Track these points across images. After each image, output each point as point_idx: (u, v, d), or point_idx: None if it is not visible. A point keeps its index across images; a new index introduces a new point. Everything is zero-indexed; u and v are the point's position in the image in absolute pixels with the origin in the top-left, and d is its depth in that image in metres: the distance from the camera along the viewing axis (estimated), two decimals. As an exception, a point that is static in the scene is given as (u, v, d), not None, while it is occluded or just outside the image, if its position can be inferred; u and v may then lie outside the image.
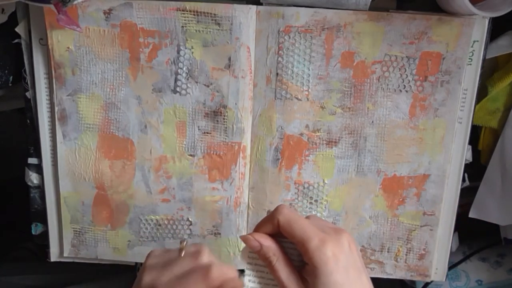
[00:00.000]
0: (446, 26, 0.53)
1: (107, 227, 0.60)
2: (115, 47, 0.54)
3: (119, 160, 0.58)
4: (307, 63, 0.54)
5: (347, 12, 0.52)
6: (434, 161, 0.57)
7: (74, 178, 0.58)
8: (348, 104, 0.55)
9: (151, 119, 0.56)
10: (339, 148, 0.57)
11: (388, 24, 0.53)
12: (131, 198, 0.59)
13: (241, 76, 0.55)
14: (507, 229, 0.65)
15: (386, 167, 0.57)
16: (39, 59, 0.55)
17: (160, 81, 0.55)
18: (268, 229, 0.42)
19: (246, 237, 0.41)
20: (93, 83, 0.55)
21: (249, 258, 0.43)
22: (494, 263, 0.68)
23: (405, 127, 0.56)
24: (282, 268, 0.40)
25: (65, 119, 0.56)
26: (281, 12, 0.53)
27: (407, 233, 0.59)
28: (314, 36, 0.53)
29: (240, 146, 0.57)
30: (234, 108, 0.55)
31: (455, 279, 0.68)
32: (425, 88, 0.55)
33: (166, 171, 0.58)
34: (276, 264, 0.40)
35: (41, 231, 0.62)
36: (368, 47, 0.54)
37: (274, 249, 0.41)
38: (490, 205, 0.61)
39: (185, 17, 0.53)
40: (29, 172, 0.59)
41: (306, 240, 0.39)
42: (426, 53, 0.54)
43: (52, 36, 0.54)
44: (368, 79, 0.55)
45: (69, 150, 0.57)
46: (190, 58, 0.54)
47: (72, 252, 0.61)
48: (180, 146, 0.57)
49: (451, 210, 0.59)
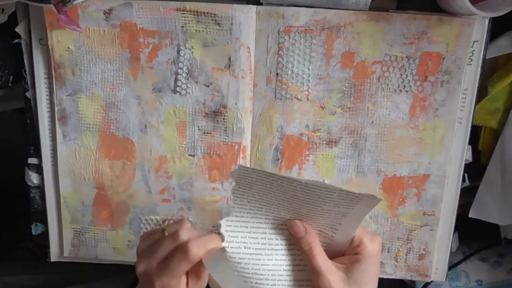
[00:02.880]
0: (446, 26, 0.53)
1: (107, 227, 0.60)
2: (115, 47, 0.54)
3: (119, 160, 0.58)
4: (307, 63, 0.54)
5: (347, 12, 0.52)
6: (434, 161, 0.57)
7: (74, 178, 0.58)
8: (348, 104, 0.55)
9: (151, 119, 0.56)
10: (339, 148, 0.57)
11: (388, 24, 0.53)
12: (131, 198, 0.59)
13: (241, 76, 0.55)
14: (507, 229, 0.65)
15: (386, 167, 0.57)
16: (39, 59, 0.55)
17: (160, 81, 0.55)
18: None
19: (294, 222, 0.44)
20: (93, 83, 0.55)
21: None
22: (494, 263, 0.68)
23: (405, 127, 0.56)
24: (319, 253, 0.44)
25: (65, 119, 0.57)
26: (281, 12, 0.53)
27: (407, 233, 0.59)
28: (314, 36, 0.53)
29: (240, 146, 0.57)
30: (234, 108, 0.55)
31: (455, 279, 0.68)
32: (425, 88, 0.55)
33: (166, 171, 0.58)
34: (315, 250, 0.43)
35: (41, 231, 0.62)
36: (368, 47, 0.54)
37: (314, 236, 0.44)
38: (490, 205, 0.61)
39: (185, 17, 0.53)
40: (29, 172, 0.59)
41: (363, 234, 0.44)
42: (426, 53, 0.54)
43: (52, 36, 0.54)
44: (368, 79, 0.55)
45: (69, 150, 0.57)
46: (190, 58, 0.54)
47: (72, 252, 0.61)
48: (180, 146, 0.57)
49: (451, 210, 0.59)
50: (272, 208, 0.45)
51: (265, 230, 0.45)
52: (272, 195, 0.44)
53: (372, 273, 0.44)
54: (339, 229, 0.44)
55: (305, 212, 0.44)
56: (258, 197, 0.44)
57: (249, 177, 0.43)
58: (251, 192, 0.44)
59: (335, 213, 0.43)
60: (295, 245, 0.45)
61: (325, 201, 0.42)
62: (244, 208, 0.45)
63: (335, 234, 0.45)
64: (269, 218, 0.45)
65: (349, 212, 0.43)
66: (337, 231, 0.45)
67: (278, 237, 0.45)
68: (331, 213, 0.43)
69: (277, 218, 0.45)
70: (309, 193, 0.42)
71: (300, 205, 0.44)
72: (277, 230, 0.46)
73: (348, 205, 0.42)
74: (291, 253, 0.46)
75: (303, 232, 0.44)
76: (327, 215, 0.44)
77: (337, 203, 0.42)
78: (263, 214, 0.45)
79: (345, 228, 0.44)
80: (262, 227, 0.45)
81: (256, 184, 0.43)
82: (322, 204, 0.43)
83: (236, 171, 0.43)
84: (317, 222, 0.45)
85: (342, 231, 0.44)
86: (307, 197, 0.43)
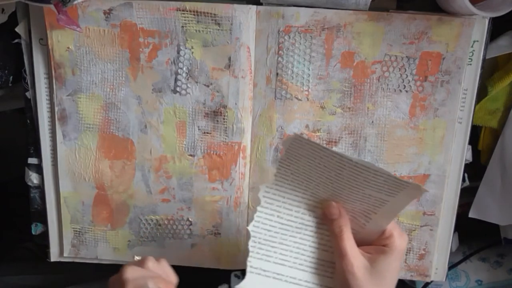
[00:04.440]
0: (446, 26, 0.53)
1: (107, 227, 0.60)
2: (115, 47, 0.54)
3: (119, 160, 0.58)
4: (307, 63, 0.54)
5: (347, 12, 0.52)
6: (434, 161, 0.57)
7: (74, 178, 0.58)
8: (348, 104, 0.55)
9: (151, 119, 0.56)
10: (339, 148, 0.57)
11: (388, 24, 0.53)
12: (131, 198, 0.59)
13: (241, 76, 0.55)
14: (507, 229, 0.65)
15: (386, 167, 0.57)
16: (39, 59, 0.55)
17: (160, 81, 0.55)
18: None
19: (330, 203, 0.46)
20: (93, 83, 0.55)
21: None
22: (494, 263, 0.68)
23: (405, 127, 0.56)
24: (349, 238, 0.45)
25: (65, 119, 0.56)
26: (281, 12, 0.53)
27: (407, 233, 0.59)
28: (314, 36, 0.53)
29: (240, 146, 0.57)
30: (234, 108, 0.55)
31: (455, 279, 0.68)
32: (425, 88, 0.55)
33: (166, 171, 0.58)
34: (345, 234, 0.45)
35: (41, 231, 0.62)
36: (368, 47, 0.54)
37: (346, 220, 0.46)
38: (490, 205, 0.61)
39: (185, 17, 0.53)
40: (29, 172, 0.59)
41: (394, 227, 0.45)
42: (426, 53, 0.54)
43: (52, 36, 0.54)
44: (368, 79, 0.55)
45: (69, 150, 0.57)
46: (190, 58, 0.54)
47: (72, 252, 0.61)
48: (180, 146, 0.57)
49: (451, 210, 0.59)
50: (312, 185, 0.46)
51: (300, 205, 0.47)
52: (317, 171, 0.44)
53: (395, 267, 0.45)
54: (373, 218, 0.45)
55: (345, 194, 0.45)
56: (303, 170, 0.45)
57: (301, 149, 0.43)
58: (298, 164, 0.45)
59: (375, 199, 0.44)
60: (325, 225, 0.47)
61: (370, 184, 0.43)
62: (285, 179, 0.46)
63: (367, 223, 0.46)
64: (307, 193, 0.46)
65: (389, 200, 0.43)
66: (371, 220, 0.46)
67: (311, 213, 0.47)
68: (371, 199, 0.44)
69: (314, 195, 0.46)
70: (355, 174, 0.43)
71: (342, 186, 0.45)
72: (311, 207, 0.47)
73: (391, 193, 0.42)
74: (319, 232, 0.47)
75: (337, 215, 0.45)
76: (366, 199, 0.44)
77: (381, 188, 0.42)
78: (302, 189, 0.46)
79: (380, 218, 0.45)
80: (298, 201, 0.47)
81: (305, 157, 0.44)
82: (365, 187, 0.43)
83: (290, 140, 0.43)
84: (353, 206, 0.46)
85: (376, 221, 0.45)
86: (352, 178, 0.43)
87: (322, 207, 0.47)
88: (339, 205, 0.46)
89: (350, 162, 0.42)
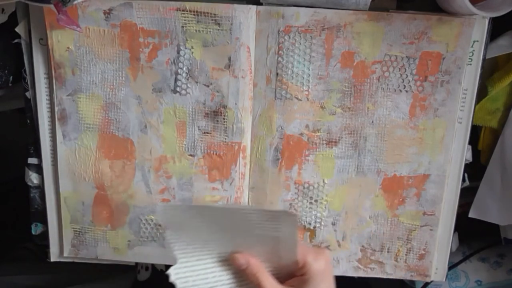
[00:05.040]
0: (446, 26, 0.53)
1: (107, 227, 0.60)
2: (115, 47, 0.54)
3: (119, 160, 0.58)
4: (307, 63, 0.54)
5: (347, 12, 0.52)
6: (434, 161, 0.57)
7: (74, 178, 0.58)
8: (348, 104, 0.55)
9: (151, 119, 0.56)
10: (339, 148, 0.57)
11: (388, 24, 0.53)
12: (131, 198, 0.59)
13: (241, 76, 0.55)
14: (507, 229, 0.65)
15: (386, 167, 0.57)
16: (39, 59, 0.55)
17: (160, 81, 0.55)
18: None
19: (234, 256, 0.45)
20: (93, 83, 0.55)
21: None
22: (494, 263, 0.68)
23: (405, 127, 0.56)
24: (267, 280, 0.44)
25: (65, 119, 0.57)
26: (281, 12, 0.53)
27: (407, 233, 0.59)
28: (314, 36, 0.53)
29: (240, 146, 0.57)
30: (234, 108, 0.55)
31: (455, 279, 0.68)
32: (425, 88, 0.55)
33: (166, 171, 0.58)
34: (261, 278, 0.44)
35: (41, 231, 0.62)
36: (368, 47, 0.54)
37: (257, 266, 0.44)
38: (490, 205, 0.61)
39: (185, 17, 0.53)
40: (29, 172, 0.59)
41: (306, 253, 0.44)
42: (426, 53, 0.54)
43: (52, 36, 0.54)
44: (368, 79, 0.55)
45: (69, 150, 0.57)
46: (190, 58, 0.54)
47: (72, 252, 0.61)
48: (180, 146, 0.57)
49: (451, 210, 0.59)
50: (213, 244, 0.45)
51: (213, 269, 0.45)
52: (208, 229, 0.43)
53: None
54: (281, 253, 0.45)
55: (245, 242, 0.44)
56: (194, 236, 0.44)
57: (178, 216, 0.42)
58: (187, 231, 0.43)
59: (268, 238, 0.43)
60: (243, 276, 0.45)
61: (252, 225, 0.42)
62: (186, 252, 0.44)
63: (280, 260, 0.45)
64: (213, 256, 0.45)
65: (279, 235, 0.43)
66: (281, 256, 0.45)
67: (227, 272, 0.45)
68: (266, 238, 0.43)
69: (221, 254, 0.45)
70: (240, 220, 0.42)
71: (238, 234, 0.44)
72: (225, 266, 0.46)
73: (273, 228, 0.42)
74: (243, 284, 0.46)
75: (245, 264, 0.44)
76: (262, 240, 0.44)
77: (262, 226, 0.42)
78: (207, 253, 0.45)
79: (285, 253, 0.44)
80: (210, 267, 0.45)
81: (185, 222, 0.43)
82: (254, 228, 0.43)
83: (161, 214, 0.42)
84: (258, 250, 0.45)
85: (284, 256, 0.45)
86: (240, 224, 0.43)
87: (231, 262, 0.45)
88: (244, 254, 0.45)
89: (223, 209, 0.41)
